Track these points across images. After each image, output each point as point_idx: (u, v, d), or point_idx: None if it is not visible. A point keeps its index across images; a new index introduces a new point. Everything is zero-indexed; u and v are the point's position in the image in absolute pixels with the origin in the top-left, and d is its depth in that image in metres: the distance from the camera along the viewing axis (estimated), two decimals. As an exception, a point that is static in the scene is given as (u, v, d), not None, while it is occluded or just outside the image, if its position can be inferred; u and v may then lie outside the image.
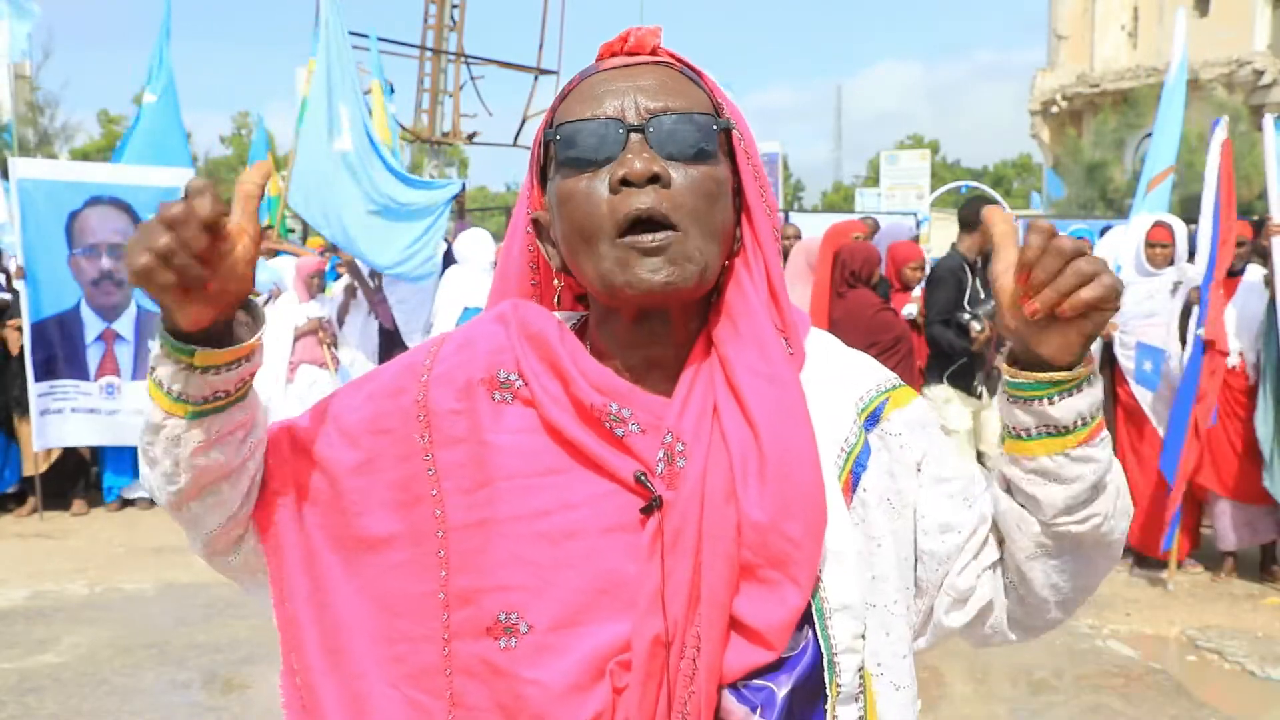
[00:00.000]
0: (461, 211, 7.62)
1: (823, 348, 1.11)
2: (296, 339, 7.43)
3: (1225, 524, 5.75)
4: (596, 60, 1.08)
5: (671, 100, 1.01)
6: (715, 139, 1.02)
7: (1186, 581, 5.74)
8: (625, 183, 0.97)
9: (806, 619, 0.98)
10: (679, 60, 1.07)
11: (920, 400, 1.13)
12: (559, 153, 1.02)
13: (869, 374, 1.12)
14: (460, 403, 1.04)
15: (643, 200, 0.97)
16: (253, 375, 1.02)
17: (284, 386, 7.40)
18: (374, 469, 1.06)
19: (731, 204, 1.05)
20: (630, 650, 0.96)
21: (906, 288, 6.69)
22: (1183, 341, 5.58)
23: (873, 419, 1.08)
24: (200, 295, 0.91)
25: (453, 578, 1.02)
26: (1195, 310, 5.43)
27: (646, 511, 0.98)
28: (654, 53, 1.06)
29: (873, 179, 35.99)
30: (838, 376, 1.09)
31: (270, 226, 9.77)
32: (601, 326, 1.07)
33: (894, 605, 1.05)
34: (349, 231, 7.11)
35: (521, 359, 1.04)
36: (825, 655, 0.99)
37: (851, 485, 1.04)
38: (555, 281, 1.09)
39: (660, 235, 0.97)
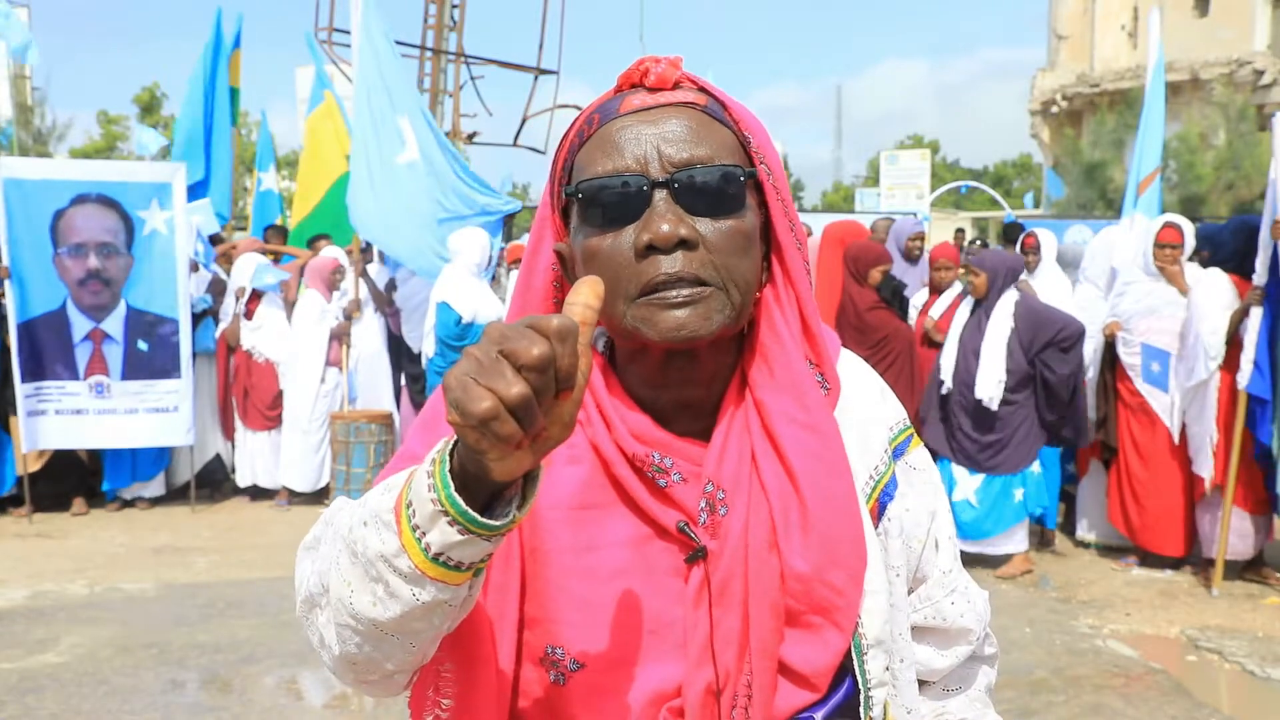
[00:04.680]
0: (509, 233, 7.60)
1: (853, 373, 1.12)
2: (332, 340, 7.41)
3: (1218, 529, 5.70)
4: (615, 91, 1.04)
5: (697, 149, 0.97)
6: (744, 188, 0.99)
7: (1186, 582, 5.74)
8: (651, 248, 0.94)
9: (845, 657, 1.01)
10: (704, 91, 1.02)
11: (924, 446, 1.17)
12: (582, 209, 0.99)
13: (897, 406, 1.14)
14: None
15: (670, 266, 0.94)
16: None
17: (317, 388, 7.38)
18: None
19: (760, 245, 1.02)
20: (680, 696, 0.97)
21: (936, 290, 6.61)
22: (1229, 343, 5.45)
23: (899, 451, 1.11)
24: (521, 447, 0.76)
25: (524, 600, 1.01)
26: (1254, 313, 5.27)
27: (691, 560, 0.98)
28: (676, 85, 1.01)
29: (873, 179, 35.98)
30: (871, 404, 1.11)
31: (275, 227, 9.77)
32: (629, 366, 1.05)
33: (905, 632, 1.09)
34: (412, 246, 6.98)
35: None
36: (861, 690, 1.02)
37: (878, 513, 1.07)
38: None
39: (687, 292, 0.94)
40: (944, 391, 5.86)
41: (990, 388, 5.59)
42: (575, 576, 0.99)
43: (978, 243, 11.64)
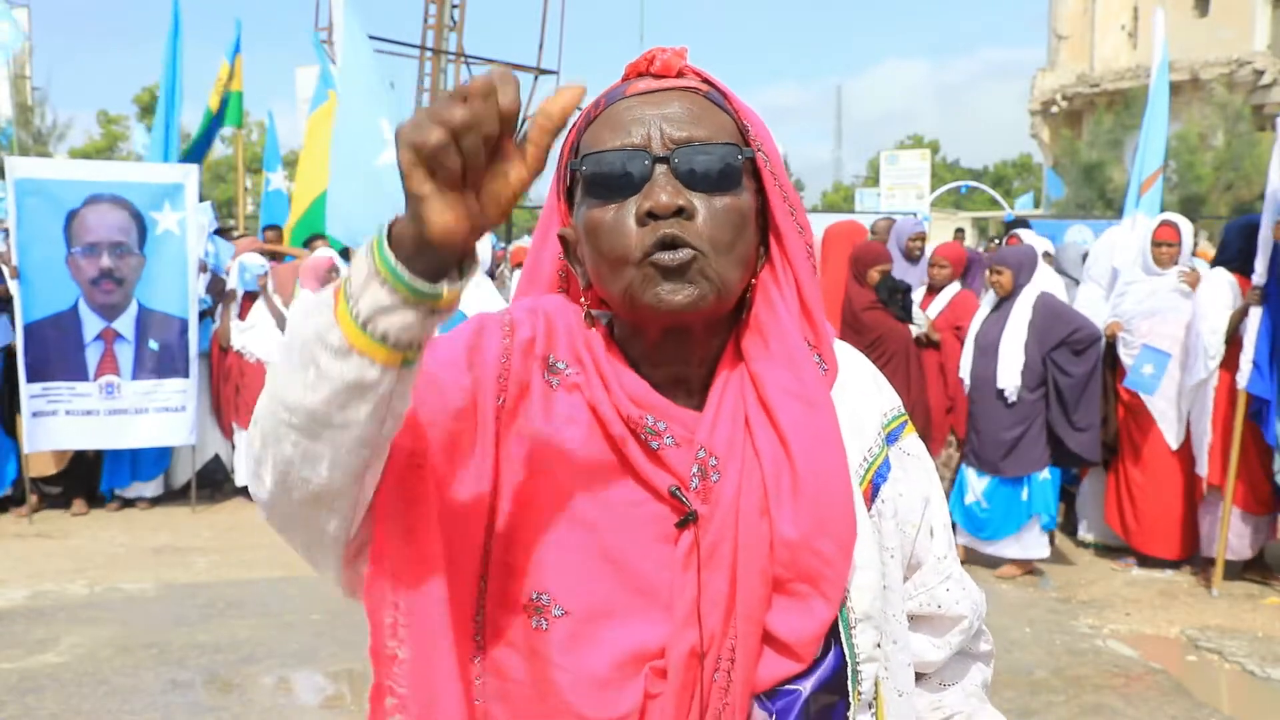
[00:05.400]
0: (510, 234, 7.55)
1: (848, 360, 1.15)
2: None
3: (1217, 530, 5.69)
4: (622, 79, 1.09)
5: (696, 129, 1.02)
6: (740, 167, 1.03)
7: (1186, 582, 5.74)
8: (651, 215, 0.98)
9: (832, 629, 1.02)
10: (706, 81, 1.08)
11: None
12: (585, 182, 1.03)
13: (891, 394, 1.18)
14: (529, 377, 1.05)
15: (668, 227, 0.98)
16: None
17: None
18: (461, 404, 1.01)
19: (756, 228, 1.06)
20: (664, 657, 0.98)
21: (934, 289, 6.59)
22: (1229, 343, 5.47)
23: (893, 436, 1.14)
24: (461, 201, 0.80)
25: (495, 546, 1.02)
26: (1254, 313, 5.27)
27: (681, 525, 1.00)
28: (680, 74, 1.07)
29: (873, 179, 36.01)
30: (864, 389, 1.14)
31: (275, 227, 9.77)
32: (629, 342, 1.08)
33: (899, 615, 1.10)
34: None
35: (579, 351, 1.06)
36: (849, 664, 1.03)
37: (871, 495, 1.09)
38: (582, 299, 1.09)
39: (681, 253, 0.98)
40: (964, 391, 5.87)
41: (1011, 377, 5.60)
42: (567, 528, 1.01)
43: (997, 242, 11.57)
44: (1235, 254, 5.64)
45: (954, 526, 5.73)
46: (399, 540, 0.97)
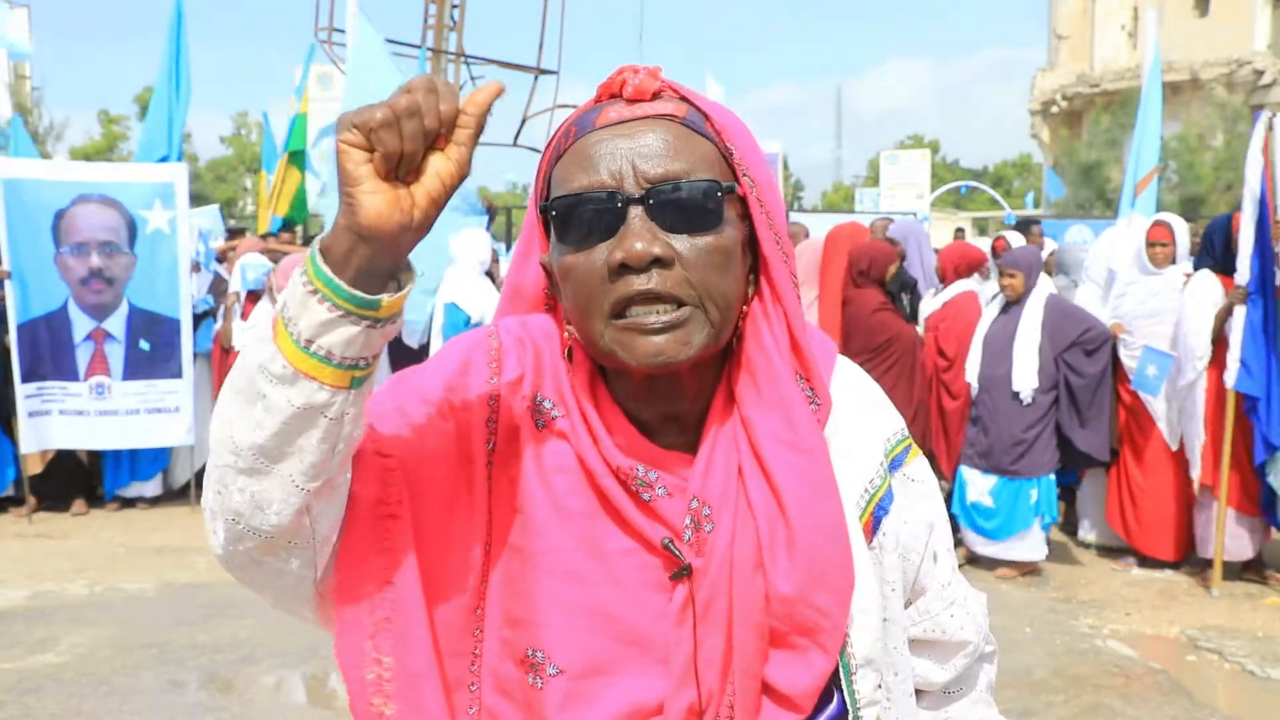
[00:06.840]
0: (510, 234, 7.52)
1: (849, 383, 1.10)
2: None
3: (1212, 530, 5.68)
4: (594, 101, 1.02)
5: (674, 163, 0.95)
6: (721, 202, 0.96)
7: (1185, 582, 5.74)
8: (625, 266, 0.92)
9: (833, 676, 1.00)
10: (684, 99, 1.00)
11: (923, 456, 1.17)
12: (556, 225, 0.97)
13: (894, 417, 1.13)
14: (517, 420, 1.02)
15: (643, 283, 0.93)
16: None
17: None
18: (444, 449, 0.98)
19: (743, 259, 1.00)
20: (661, 713, 0.96)
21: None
22: (1217, 343, 5.47)
23: (896, 463, 1.10)
24: (393, 190, 0.81)
25: (492, 596, 1.00)
26: (1238, 312, 5.27)
27: (675, 578, 0.97)
28: (656, 95, 0.99)
29: (873, 179, 36.04)
30: (866, 414, 1.09)
31: (287, 228, 9.76)
32: (616, 379, 1.03)
33: (901, 646, 1.08)
34: None
35: (565, 394, 1.02)
36: (850, 711, 1.01)
37: (872, 528, 1.05)
38: (565, 332, 1.04)
39: (665, 316, 0.93)
40: (971, 394, 5.85)
41: (1028, 379, 5.58)
42: (560, 581, 0.98)
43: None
44: (1220, 256, 5.65)
45: (955, 526, 5.75)
46: (375, 593, 0.95)
